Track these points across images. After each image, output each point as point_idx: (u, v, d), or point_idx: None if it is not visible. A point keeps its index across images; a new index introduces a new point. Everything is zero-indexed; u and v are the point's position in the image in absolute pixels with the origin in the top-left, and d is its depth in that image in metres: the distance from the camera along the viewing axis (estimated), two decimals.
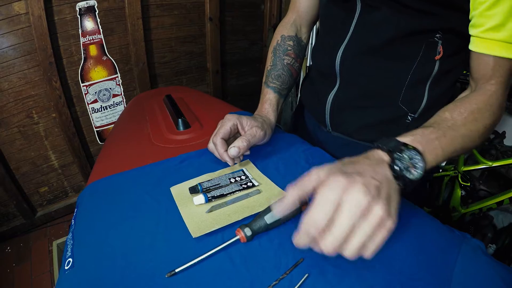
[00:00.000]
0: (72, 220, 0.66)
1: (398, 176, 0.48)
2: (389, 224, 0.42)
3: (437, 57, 0.68)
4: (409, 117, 0.76)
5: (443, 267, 0.51)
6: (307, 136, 0.94)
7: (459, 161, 1.67)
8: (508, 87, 0.63)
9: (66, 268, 0.54)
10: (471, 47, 0.62)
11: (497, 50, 0.58)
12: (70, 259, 0.55)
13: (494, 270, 0.51)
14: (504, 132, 2.19)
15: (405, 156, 0.49)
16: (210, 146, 0.75)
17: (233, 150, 0.69)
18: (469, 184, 1.67)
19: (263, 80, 0.91)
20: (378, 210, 0.41)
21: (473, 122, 0.58)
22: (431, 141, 0.53)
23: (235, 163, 0.74)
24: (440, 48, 0.68)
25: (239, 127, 0.76)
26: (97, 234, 0.60)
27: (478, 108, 0.59)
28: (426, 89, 0.73)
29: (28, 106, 1.79)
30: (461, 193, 1.68)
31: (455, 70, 0.73)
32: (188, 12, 2.12)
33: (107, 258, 0.54)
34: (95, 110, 1.99)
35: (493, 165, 1.57)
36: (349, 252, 0.42)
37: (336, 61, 0.78)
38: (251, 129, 0.75)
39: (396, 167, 0.48)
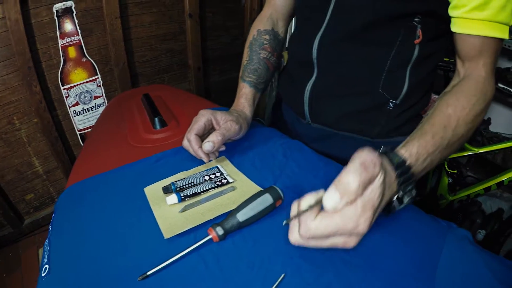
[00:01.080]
0: (50, 226, 0.65)
1: (393, 208, 0.52)
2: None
3: (417, 41, 0.67)
4: (390, 104, 0.75)
5: (427, 259, 0.50)
6: (286, 130, 0.93)
7: None
8: (495, 68, 0.63)
9: (43, 275, 0.54)
10: (454, 29, 0.61)
11: (482, 29, 0.58)
12: (47, 266, 0.55)
13: (481, 259, 0.50)
14: (489, 119, 2.20)
15: (409, 192, 0.53)
16: (185, 143, 0.73)
17: (207, 145, 0.68)
18: (455, 171, 1.67)
19: (240, 74, 0.89)
20: (351, 244, 0.45)
21: (474, 118, 0.59)
22: (433, 157, 0.56)
23: (211, 160, 0.72)
24: (419, 32, 0.66)
25: (214, 122, 0.74)
26: (72, 239, 0.59)
27: (477, 99, 0.59)
28: (406, 74, 0.72)
29: (9, 113, 1.75)
30: (448, 180, 1.68)
31: (436, 55, 0.73)
32: (167, 9, 2.08)
33: (81, 263, 0.53)
34: (77, 113, 1.96)
35: (479, 151, 1.57)
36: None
37: (313, 50, 0.76)
38: (225, 123, 0.73)
39: (399, 205, 0.53)
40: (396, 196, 0.51)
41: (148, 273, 0.48)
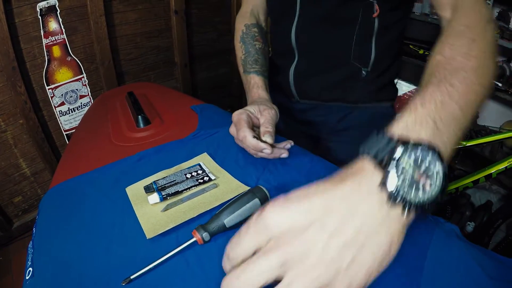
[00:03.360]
0: (34, 228, 0.64)
1: (401, 203, 0.31)
2: None
3: (375, 15, 0.75)
4: (363, 71, 0.83)
5: (414, 256, 0.49)
6: (282, 109, 0.88)
7: None
8: (487, 13, 0.53)
9: (27, 278, 0.53)
10: None
11: None
12: (31, 269, 0.54)
13: (469, 254, 0.49)
14: (477, 112, 2.22)
15: (406, 164, 0.31)
16: (244, 144, 0.69)
17: (267, 137, 0.66)
18: None
19: (241, 70, 0.89)
20: None
21: (471, 43, 0.45)
22: (443, 109, 0.37)
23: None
24: (376, 7, 0.75)
25: (252, 117, 0.70)
26: (55, 241, 0.58)
27: (468, 26, 0.48)
28: (372, 44, 0.80)
29: None
30: None
31: (397, 24, 0.81)
32: (153, 6, 2.07)
33: (64, 266, 0.53)
34: (62, 113, 1.93)
35: (468, 144, 1.58)
36: None
37: (292, 39, 0.85)
38: (263, 113, 0.70)
39: (392, 191, 0.31)
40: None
41: (132, 277, 0.47)
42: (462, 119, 0.38)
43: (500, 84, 1.88)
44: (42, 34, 1.72)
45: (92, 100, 2.02)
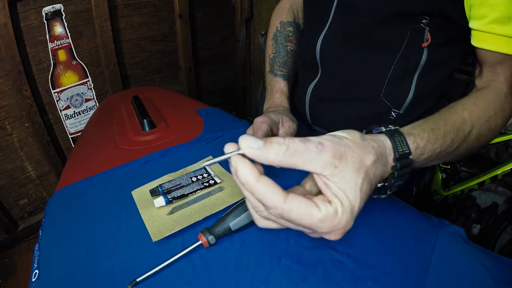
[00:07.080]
0: (40, 231, 0.65)
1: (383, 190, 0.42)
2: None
3: (425, 44, 0.61)
4: (393, 113, 0.69)
5: (419, 258, 0.50)
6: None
7: None
8: None
9: (33, 280, 0.53)
10: (473, 42, 0.55)
11: (503, 46, 0.52)
12: (37, 271, 0.55)
13: (474, 256, 0.50)
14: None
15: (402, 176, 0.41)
16: None
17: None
18: (449, 166, 1.67)
19: (267, 68, 0.85)
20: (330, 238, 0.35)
21: (487, 132, 0.51)
22: (435, 157, 0.46)
23: None
24: (427, 35, 0.60)
25: (274, 127, 0.65)
26: (62, 244, 0.59)
27: (495, 113, 0.52)
28: (413, 81, 0.66)
29: (0, 117, 1.73)
30: (442, 176, 1.68)
31: (449, 61, 0.66)
32: (157, 10, 2.08)
33: (70, 268, 0.53)
34: (68, 117, 1.94)
35: None
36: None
37: (317, 49, 0.73)
38: (284, 124, 0.67)
39: (389, 191, 0.41)
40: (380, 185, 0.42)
41: (138, 279, 0.48)
42: (432, 163, 0.48)
43: None
44: (47, 38, 1.72)
45: (97, 104, 2.03)
